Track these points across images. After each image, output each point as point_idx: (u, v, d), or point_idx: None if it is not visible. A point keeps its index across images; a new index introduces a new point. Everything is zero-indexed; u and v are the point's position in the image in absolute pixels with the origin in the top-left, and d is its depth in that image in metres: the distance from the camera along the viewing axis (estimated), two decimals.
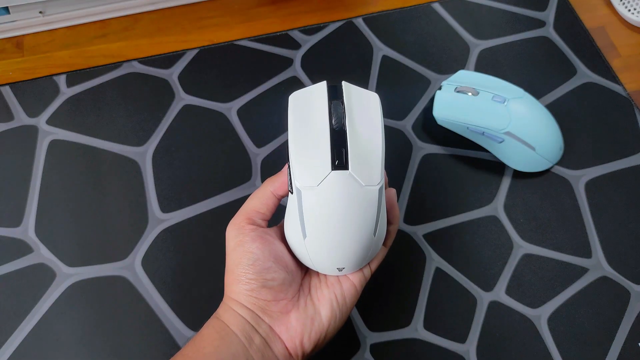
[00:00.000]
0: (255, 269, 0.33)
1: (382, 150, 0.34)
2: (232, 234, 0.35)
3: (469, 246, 0.45)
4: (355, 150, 0.33)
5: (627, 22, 0.56)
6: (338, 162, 0.32)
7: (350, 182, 0.32)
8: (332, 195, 0.32)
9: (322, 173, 0.32)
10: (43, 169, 0.46)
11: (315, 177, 0.32)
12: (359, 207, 0.32)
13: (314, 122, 0.34)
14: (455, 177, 0.48)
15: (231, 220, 0.35)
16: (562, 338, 0.42)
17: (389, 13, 0.56)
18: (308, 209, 0.33)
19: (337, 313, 0.34)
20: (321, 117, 0.34)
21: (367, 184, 0.32)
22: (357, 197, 0.32)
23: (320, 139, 0.33)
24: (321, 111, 0.34)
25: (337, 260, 0.34)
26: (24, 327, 0.40)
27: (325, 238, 0.33)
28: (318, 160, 0.33)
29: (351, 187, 0.32)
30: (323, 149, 0.33)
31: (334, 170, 0.32)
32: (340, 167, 0.32)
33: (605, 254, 0.45)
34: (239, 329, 0.33)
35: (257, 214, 0.35)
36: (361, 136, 0.33)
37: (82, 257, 0.43)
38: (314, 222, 0.33)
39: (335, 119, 0.33)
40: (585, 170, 0.48)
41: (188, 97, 0.50)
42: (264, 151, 0.48)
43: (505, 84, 0.48)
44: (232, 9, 0.55)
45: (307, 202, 0.33)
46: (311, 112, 0.34)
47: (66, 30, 0.53)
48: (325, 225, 0.33)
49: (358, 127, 0.33)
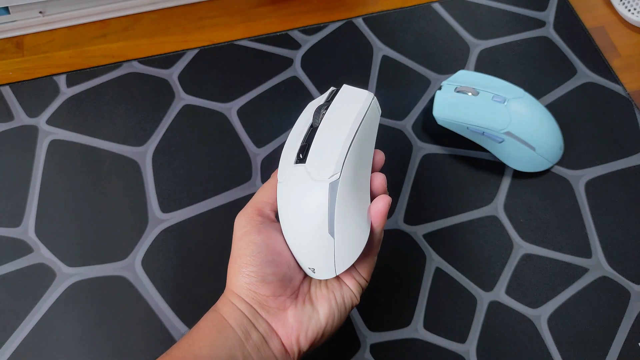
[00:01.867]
0: (258, 260, 0.33)
1: (345, 144, 0.32)
2: (240, 224, 0.35)
3: (469, 246, 0.45)
4: (317, 145, 0.33)
5: (627, 22, 0.56)
6: (302, 156, 0.33)
7: (303, 176, 0.32)
8: (289, 189, 0.33)
9: (288, 168, 0.33)
10: (43, 169, 0.46)
11: (284, 171, 0.34)
12: (307, 202, 0.32)
13: (303, 123, 0.35)
14: (455, 177, 0.48)
15: (241, 210, 0.35)
16: (562, 338, 0.42)
17: (389, 13, 0.56)
18: (279, 203, 0.34)
19: (336, 313, 0.34)
20: (308, 119, 0.35)
21: (317, 178, 0.32)
22: (307, 191, 0.32)
23: (299, 137, 0.34)
24: (311, 113, 0.35)
25: (304, 258, 0.34)
26: (24, 327, 0.41)
27: (289, 234, 0.34)
28: (291, 156, 0.34)
29: (303, 180, 0.32)
30: (296, 146, 0.34)
31: (295, 164, 0.33)
32: (300, 162, 0.33)
33: (605, 254, 0.45)
34: (237, 323, 0.33)
35: (267, 204, 0.35)
36: (329, 132, 0.33)
37: (82, 257, 0.43)
38: (282, 216, 0.34)
39: (314, 119, 0.34)
40: (585, 170, 0.48)
41: (188, 97, 0.50)
42: (264, 151, 0.48)
43: (505, 84, 0.48)
44: (232, 9, 0.55)
45: (280, 196, 0.34)
46: (307, 115, 0.35)
47: (66, 30, 0.53)
48: (287, 220, 0.33)
49: (331, 124, 0.33)
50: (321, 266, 0.33)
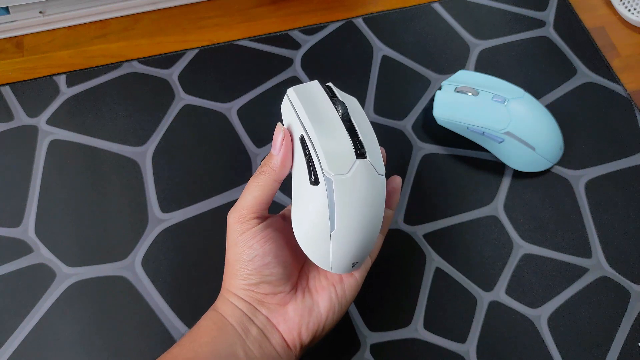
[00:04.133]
0: (254, 265, 0.33)
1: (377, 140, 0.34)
2: (234, 227, 0.34)
3: (469, 246, 0.45)
4: (366, 140, 0.33)
5: (627, 22, 0.56)
6: (359, 151, 0.32)
7: (371, 170, 0.32)
8: (361, 183, 0.32)
9: (349, 161, 0.32)
10: (43, 169, 0.46)
11: (344, 165, 0.32)
12: (377, 195, 0.33)
13: (325, 114, 0.34)
14: (455, 177, 0.48)
15: (233, 209, 0.34)
16: (562, 338, 0.42)
17: (389, 13, 0.56)
18: (341, 198, 0.31)
19: (336, 305, 0.34)
20: (329, 110, 0.34)
21: (380, 173, 0.33)
22: (376, 185, 0.33)
23: (336, 129, 0.33)
24: (326, 105, 0.34)
25: (356, 253, 0.33)
26: (24, 327, 0.40)
27: (353, 228, 0.32)
28: (340, 148, 0.32)
29: (372, 175, 0.32)
30: (342, 138, 0.33)
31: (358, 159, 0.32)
32: (361, 156, 0.32)
33: (605, 254, 0.45)
34: (236, 320, 0.33)
35: (261, 205, 0.34)
36: (364, 129, 0.34)
37: (82, 257, 0.43)
38: (345, 211, 0.32)
39: (342, 113, 0.34)
40: (585, 170, 0.48)
41: (188, 97, 0.50)
42: (264, 151, 0.48)
43: (505, 84, 0.48)
44: (232, 9, 0.55)
45: (340, 190, 0.31)
46: (318, 105, 0.34)
47: (66, 30, 0.53)
48: (355, 215, 0.32)
49: (359, 121, 0.34)
50: (363, 256, 0.34)
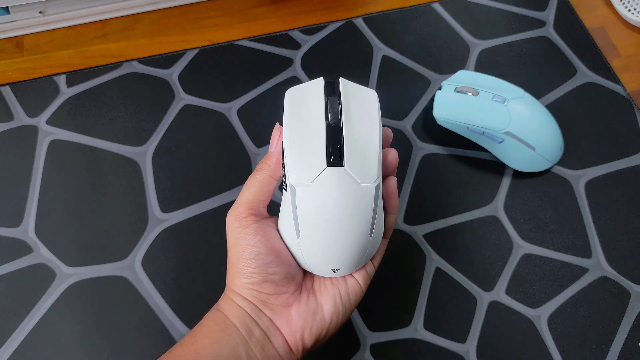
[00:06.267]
0: (257, 263, 0.33)
1: (379, 147, 0.33)
2: (233, 225, 0.34)
3: (469, 246, 0.45)
4: (351, 147, 0.32)
5: (627, 22, 0.56)
6: (333, 158, 0.31)
7: (345, 179, 0.31)
8: (327, 192, 0.31)
9: (317, 169, 0.31)
10: (43, 169, 0.46)
11: (310, 173, 0.31)
12: (354, 206, 0.32)
13: (310, 118, 0.33)
14: (455, 177, 0.48)
15: (231, 209, 0.34)
16: (562, 338, 0.42)
17: (389, 13, 0.56)
18: (302, 206, 0.32)
19: (340, 309, 0.34)
20: (317, 113, 0.33)
21: (363, 182, 0.32)
22: (353, 195, 0.31)
23: (316, 135, 0.32)
24: (317, 107, 0.33)
25: (332, 260, 0.33)
26: (24, 327, 0.41)
27: (319, 237, 0.32)
28: (313, 156, 0.32)
29: (347, 184, 0.31)
30: (318, 145, 0.32)
31: (329, 167, 0.31)
32: (335, 164, 0.31)
33: (605, 254, 0.45)
34: (239, 321, 0.32)
35: (259, 202, 0.34)
36: (358, 132, 0.33)
37: (82, 257, 0.43)
38: (307, 220, 0.32)
39: (331, 115, 0.33)
40: (585, 170, 0.48)
41: (188, 97, 0.50)
42: (264, 151, 0.48)
43: (505, 84, 0.48)
44: (232, 9, 0.55)
45: (301, 199, 0.32)
46: (307, 107, 0.33)
47: (66, 30, 0.53)
48: (319, 224, 0.32)
49: (355, 123, 0.33)
50: (348, 264, 0.33)
